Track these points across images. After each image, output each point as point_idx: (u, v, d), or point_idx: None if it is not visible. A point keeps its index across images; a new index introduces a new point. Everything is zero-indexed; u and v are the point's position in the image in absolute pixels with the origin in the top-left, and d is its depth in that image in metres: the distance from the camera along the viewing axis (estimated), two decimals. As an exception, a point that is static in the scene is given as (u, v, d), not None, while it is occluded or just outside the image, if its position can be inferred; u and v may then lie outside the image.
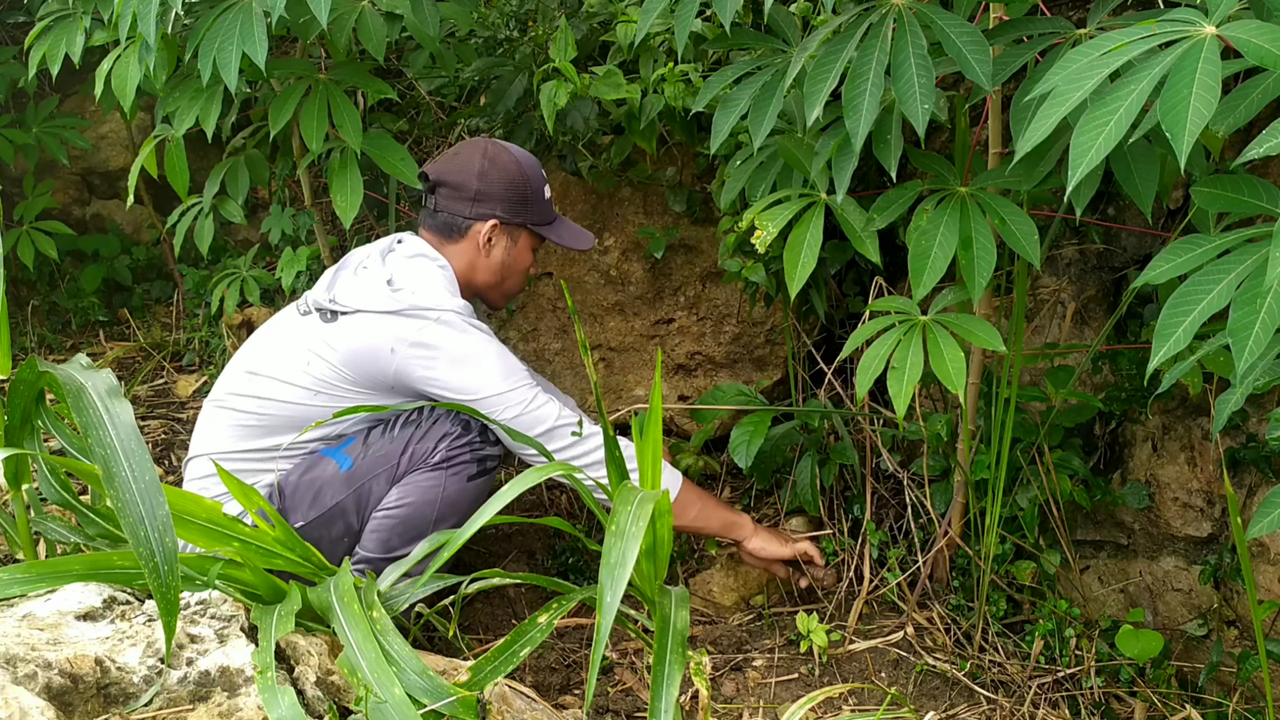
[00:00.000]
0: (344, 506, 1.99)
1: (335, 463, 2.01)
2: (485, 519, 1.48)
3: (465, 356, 1.98)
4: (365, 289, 2.05)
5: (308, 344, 2.04)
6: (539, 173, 2.19)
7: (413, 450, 2.00)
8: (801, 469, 2.32)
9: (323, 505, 1.99)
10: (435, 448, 1.99)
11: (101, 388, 1.39)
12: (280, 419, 2.02)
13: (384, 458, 2.00)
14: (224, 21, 2.11)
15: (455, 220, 2.13)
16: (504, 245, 2.16)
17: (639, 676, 2.04)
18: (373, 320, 2.00)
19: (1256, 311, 1.18)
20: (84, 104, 3.72)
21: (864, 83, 1.55)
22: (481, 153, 2.15)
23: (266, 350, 2.10)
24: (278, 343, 2.10)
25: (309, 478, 2.01)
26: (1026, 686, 1.96)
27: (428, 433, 2.00)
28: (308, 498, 1.99)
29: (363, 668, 1.31)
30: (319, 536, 1.97)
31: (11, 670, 1.19)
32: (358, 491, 1.99)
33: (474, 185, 2.12)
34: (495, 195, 2.13)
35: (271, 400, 2.03)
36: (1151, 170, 1.53)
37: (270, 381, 2.04)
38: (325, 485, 1.99)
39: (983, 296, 1.71)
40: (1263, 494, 1.80)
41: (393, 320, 2.00)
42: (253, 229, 3.56)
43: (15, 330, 3.67)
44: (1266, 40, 1.14)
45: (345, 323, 2.03)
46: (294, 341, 2.07)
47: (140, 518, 1.27)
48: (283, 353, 2.06)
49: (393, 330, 1.99)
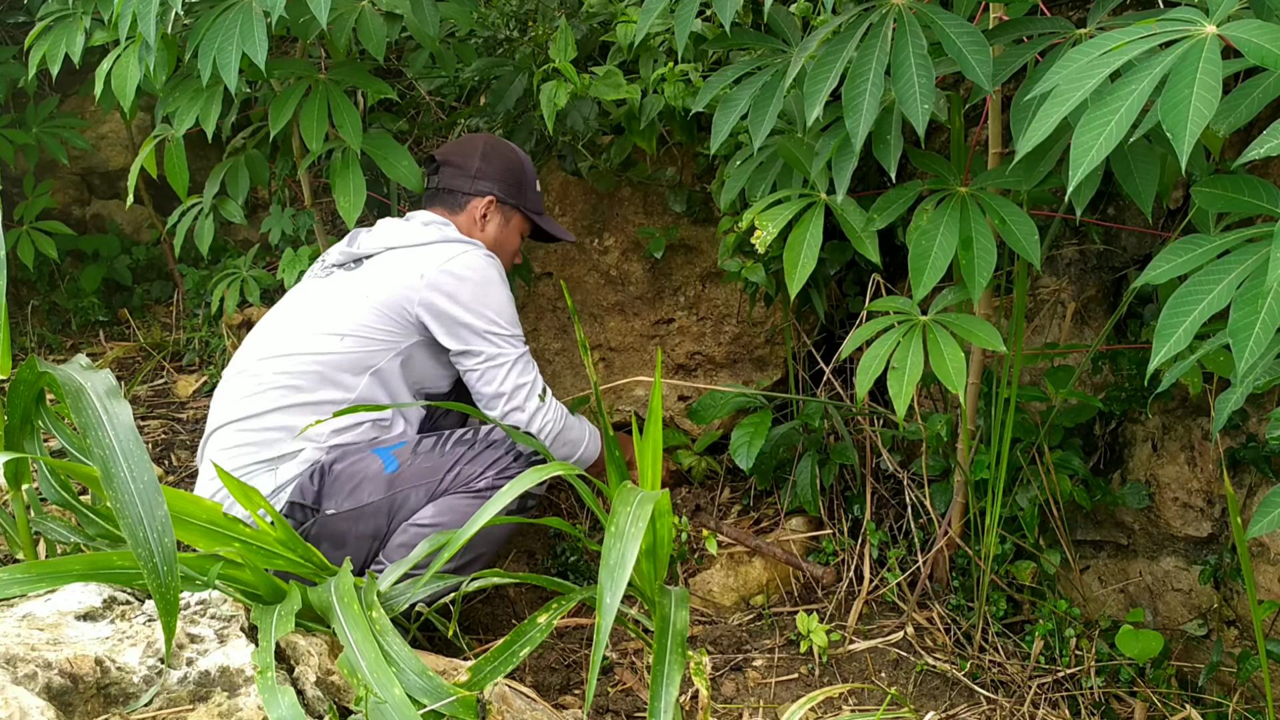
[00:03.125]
0: (378, 507, 1.98)
1: (381, 462, 2.00)
2: (485, 519, 1.48)
3: (488, 288, 2.09)
4: (393, 231, 2.17)
5: (333, 295, 2.11)
6: (533, 168, 2.33)
7: (460, 471, 1.99)
8: (802, 469, 2.32)
9: (359, 499, 1.98)
10: (482, 474, 1.99)
11: (100, 388, 1.39)
12: (310, 374, 2.03)
13: (429, 470, 1.99)
14: (224, 21, 2.11)
15: (456, 195, 2.25)
16: (497, 222, 2.26)
17: (639, 676, 2.04)
18: (402, 253, 2.11)
19: (1257, 311, 1.18)
20: (84, 104, 3.72)
21: (864, 83, 1.55)
22: (484, 139, 2.31)
23: (288, 314, 2.15)
24: (300, 304, 2.15)
25: (353, 469, 2.00)
26: (1026, 686, 1.96)
27: (479, 456, 2.01)
28: (346, 488, 1.98)
29: (362, 668, 1.30)
30: (345, 530, 1.97)
31: (11, 670, 1.19)
32: (394, 496, 1.98)
33: (475, 164, 2.25)
34: (494, 174, 2.25)
35: (299, 355, 2.04)
36: (1151, 170, 1.53)
37: (297, 337, 2.07)
38: (366, 481, 1.99)
39: (983, 296, 1.71)
40: (1263, 494, 1.80)
41: (423, 250, 2.11)
42: (253, 229, 3.56)
43: (15, 330, 3.67)
44: (1267, 40, 1.14)
45: (372, 263, 2.13)
46: (318, 297, 2.13)
47: (139, 518, 1.27)
48: (307, 310, 2.12)
49: (422, 258, 2.09)
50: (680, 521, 2.34)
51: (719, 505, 2.52)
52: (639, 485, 1.56)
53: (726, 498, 2.55)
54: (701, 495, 2.54)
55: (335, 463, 2.01)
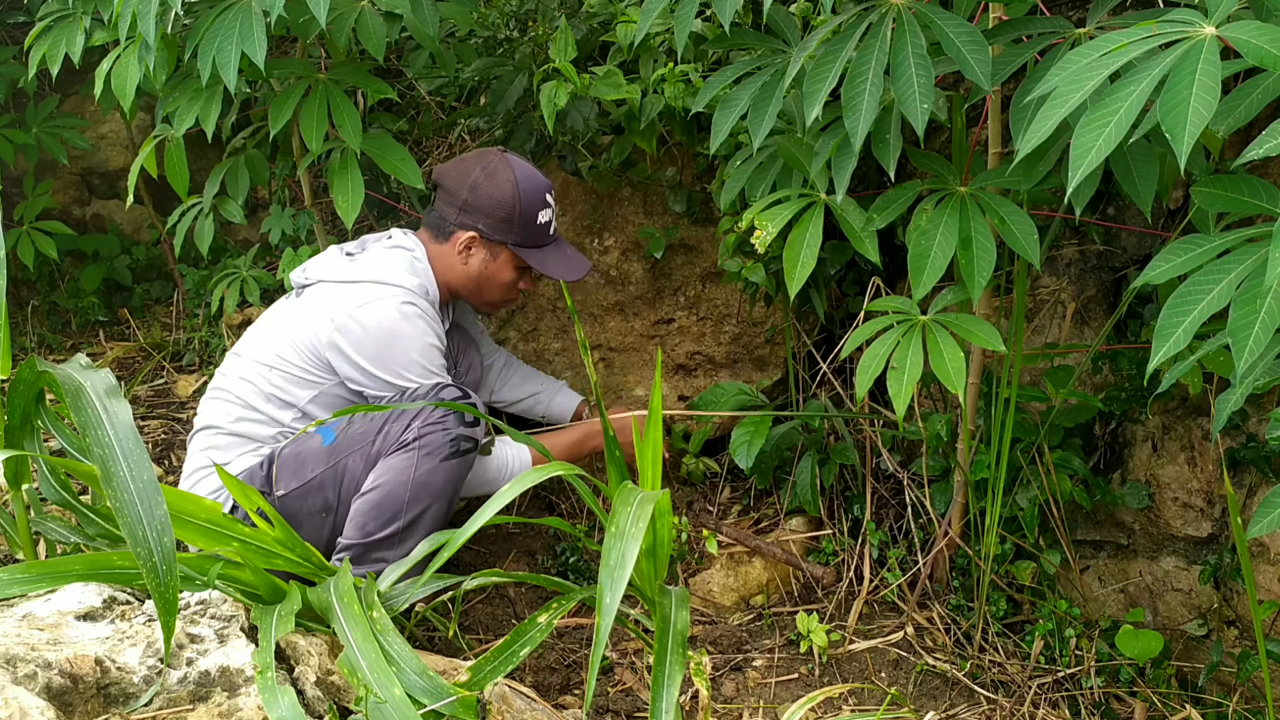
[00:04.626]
0: (322, 480, 2.03)
1: (320, 436, 2.06)
2: (485, 519, 1.48)
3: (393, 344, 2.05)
4: (328, 261, 2.18)
5: (277, 318, 2.17)
6: (538, 196, 2.17)
7: (388, 429, 2.01)
8: (802, 469, 2.32)
9: (303, 476, 2.03)
10: (408, 426, 2.00)
11: (100, 388, 1.39)
12: (250, 401, 2.11)
13: (361, 435, 2.03)
14: (223, 21, 2.11)
15: (443, 223, 2.20)
16: (482, 258, 2.19)
17: (639, 676, 2.04)
18: (327, 290, 2.13)
19: (1256, 311, 1.18)
20: (84, 104, 3.71)
21: (863, 82, 1.55)
22: (483, 165, 2.18)
23: (252, 332, 2.21)
24: (261, 325, 2.21)
25: (296, 450, 2.07)
26: (1026, 686, 1.96)
27: (404, 412, 2.01)
28: (291, 468, 2.05)
29: (363, 668, 1.31)
30: (298, 509, 2.02)
31: (11, 670, 1.19)
32: (335, 467, 2.02)
33: (463, 195, 2.17)
34: (480, 209, 2.16)
35: (246, 381, 2.12)
36: (1151, 170, 1.54)
37: (248, 363, 2.14)
38: (309, 457, 2.04)
39: (982, 296, 1.71)
40: (1263, 494, 1.80)
41: (343, 290, 2.10)
42: (253, 229, 3.56)
43: (15, 330, 3.66)
44: (1266, 40, 1.14)
45: (308, 293, 2.16)
46: (270, 320, 2.19)
47: (138, 518, 1.27)
48: (261, 332, 2.18)
49: (338, 299, 2.10)
50: (680, 521, 2.34)
51: (719, 505, 2.52)
52: (641, 487, 1.56)
53: (726, 497, 2.55)
54: (697, 496, 2.54)
55: (284, 448, 2.08)
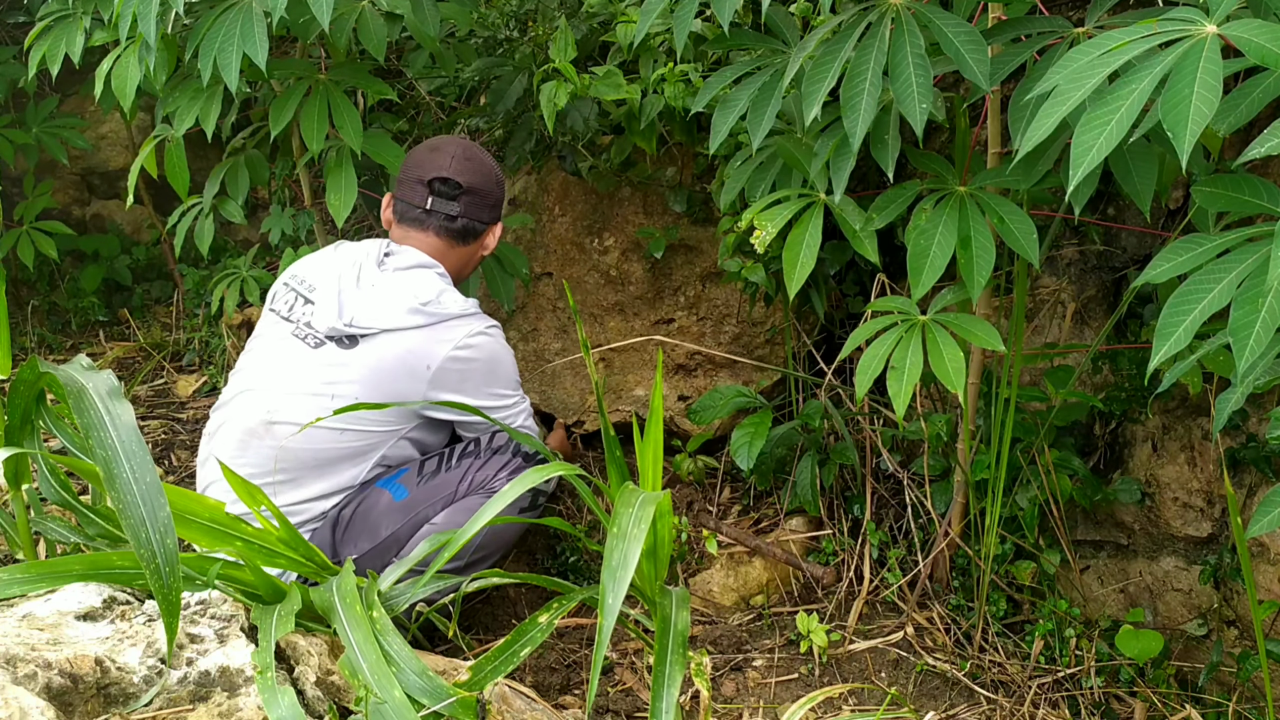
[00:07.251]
0: (399, 536, 1.97)
1: (389, 494, 1.99)
2: (485, 519, 1.48)
3: (494, 367, 2.06)
4: (386, 306, 1.98)
5: (325, 378, 1.96)
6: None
7: (472, 478, 2.01)
8: (802, 469, 2.32)
9: (376, 536, 1.97)
10: (495, 475, 2.02)
11: (102, 389, 1.39)
12: (308, 466, 1.97)
13: (441, 486, 2.00)
14: (224, 22, 2.11)
15: (475, 225, 2.14)
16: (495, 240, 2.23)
17: (639, 676, 2.04)
18: (398, 340, 1.97)
19: (1257, 311, 1.18)
20: (84, 104, 3.71)
21: (862, 82, 1.55)
22: (480, 156, 2.15)
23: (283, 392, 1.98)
24: (294, 381, 1.98)
25: (363, 510, 1.99)
26: (1026, 686, 1.96)
27: (487, 462, 2.03)
28: (361, 529, 1.97)
29: (363, 668, 1.31)
30: (376, 567, 1.88)
31: (11, 670, 1.19)
32: (413, 521, 1.98)
33: (496, 192, 2.18)
34: (503, 197, 2.22)
35: (296, 450, 1.94)
36: (1151, 170, 1.54)
37: (292, 428, 1.93)
38: (379, 516, 1.98)
39: (982, 296, 1.71)
40: (1263, 494, 1.80)
41: (421, 337, 1.97)
42: (253, 229, 3.56)
43: (15, 330, 3.66)
44: (1267, 39, 1.14)
45: (367, 347, 1.97)
46: (311, 377, 1.97)
47: (142, 519, 1.27)
48: (302, 393, 1.96)
49: (423, 349, 1.97)
50: (680, 521, 2.34)
51: (719, 505, 2.52)
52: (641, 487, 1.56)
53: (726, 497, 2.55)
54: (697, 497, 2.54)
55: (342, 510, 1.99)
